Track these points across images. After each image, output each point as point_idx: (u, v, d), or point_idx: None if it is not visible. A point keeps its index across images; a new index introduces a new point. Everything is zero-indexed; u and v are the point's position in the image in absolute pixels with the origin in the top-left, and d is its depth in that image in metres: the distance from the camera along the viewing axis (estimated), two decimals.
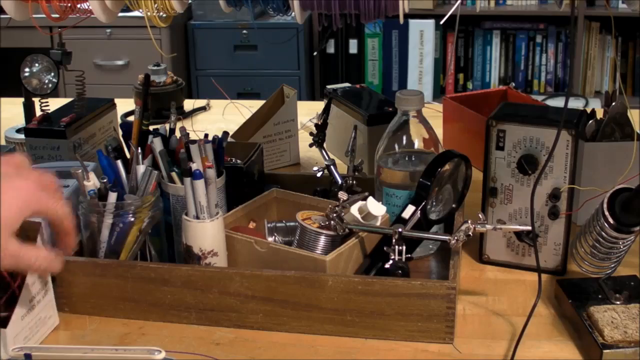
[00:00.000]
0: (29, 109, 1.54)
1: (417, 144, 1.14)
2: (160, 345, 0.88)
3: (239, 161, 1.19)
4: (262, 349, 0.96)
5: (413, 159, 1.14)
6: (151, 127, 1.13)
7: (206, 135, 1.10)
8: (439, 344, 0.95)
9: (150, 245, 1.04)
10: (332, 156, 1.25)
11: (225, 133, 1.13)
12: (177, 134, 1.11)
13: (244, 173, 1.16)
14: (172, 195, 1.07)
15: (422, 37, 3.61)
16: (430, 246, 1.14)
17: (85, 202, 1.01)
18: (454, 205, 1.10)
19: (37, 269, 0.82)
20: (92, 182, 1.00)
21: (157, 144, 1.07)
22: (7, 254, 0.77)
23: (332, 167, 1.22)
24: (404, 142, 1.14)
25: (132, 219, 1.00)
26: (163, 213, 1.05)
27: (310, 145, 1.28)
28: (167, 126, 1.13)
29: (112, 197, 1.00)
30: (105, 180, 1.01)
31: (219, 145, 1.10)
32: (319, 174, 1.22)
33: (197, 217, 0.99)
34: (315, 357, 0.94)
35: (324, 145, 1.28)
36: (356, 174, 1.21)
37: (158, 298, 0.99)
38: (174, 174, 1.07)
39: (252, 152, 1.20)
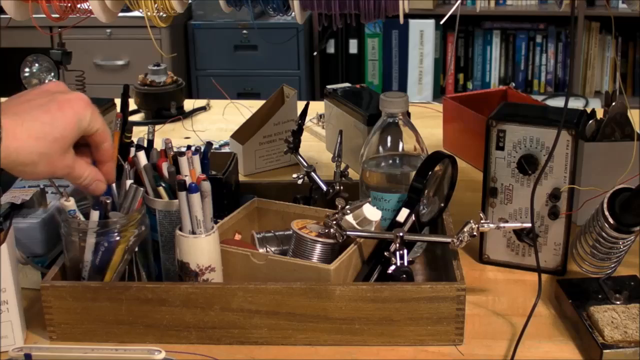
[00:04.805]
0: None
1: (403, 146, 1.13)
2: None
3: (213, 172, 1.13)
4: (262, 349, 0.96)
5: (398, 161, 1.14)
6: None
7: (189, 147, 1.06)
8: (447, 345, 0.95)
9: (140, 265, 0.99)
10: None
11: (209, 143, 1.10)
12: (157, 145, 1.07)
13: (223, 184, 1.12)
14: (158, 211, 1.02)
15: (422, 37, 3.61)
16: (415, 249, 1.13)
17: (67, 222, 0.96)
18: (442, 205, 1.10)
19: (84, 184, 0.88)
20: (72, 202, 0.96)
21: (141, 157, 1.02)
22: (64, 164, 0.83)
23: (312, 173, 1.19)
24: (389, 144, 1.13)
25: (118, 238, 0.95)
26: (150, 230, 1.01)
27: (285, 152, 1.25)
28: (145, 137, 1.08)
29: (95, 215, 0.95)
30: (109, 201, 0.96)
31: (204, 156, 1.07)
32: (299, 181, 1.18)
33: (193, 232, 0.95)
34: (315, 357, 0.94)
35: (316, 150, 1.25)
36: (342, 179, 1.20)
37: (155, 319, 0.95)
38: (161, 189, 1.03)
39: (229, 162, 1.16)
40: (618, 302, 0.97)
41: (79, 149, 0.87)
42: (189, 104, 1.87)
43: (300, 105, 1.36)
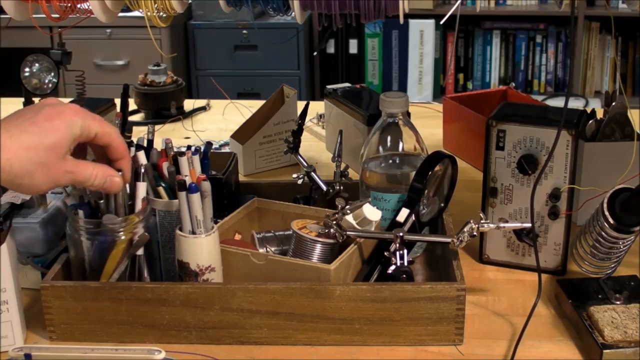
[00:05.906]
0: None
1: (403, 146, 1.13)
2: None
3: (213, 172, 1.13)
4: (262, 349, 0.96)
5: (398, 161, 1.14)
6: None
7: (189, 147, 1.07)
8: (447, 345, 0.95)
9: (145, 267, 0.99)
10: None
11: (209, 143, 1.10)
12: (157, 145, 1.07)
13: (223, 184, 1.12)
14: (158, 211, 1.02)
15: (422, 37, 3.61)
16: (415, 249, 1.13)
17: (70, 218, 0.96)
18: (442, 205, 1.10)
19: (96, 184, 0.87)
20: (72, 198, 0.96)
21: (140, 157, 1.01)
22: (64, 171, 0.83)
23: (312, 173, 1.19)
24: (389, 144, 1.13)
25: (111, 240, 0.95)
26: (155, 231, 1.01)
27: (285, 152, 1.25)
28: (145, 137, 1.08)
29: (80, 214, 0.94)
30: (102, 201, 0.95)
31: (204, 156, 1.07)
32: (299, 181, 1.18)
33: (193, 232, 0.95)
34: (315, 357, 0.94)
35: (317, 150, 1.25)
36: (342, 179, 1.20)
37: (155, 319, 0.95)
38: (161, 189, 1.02)
39: (229, 162, 1.16)
40: (618, 302, 0.97)
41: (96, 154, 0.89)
42: (189, 104, 1.87)
43: (300, 105, 1.36)
